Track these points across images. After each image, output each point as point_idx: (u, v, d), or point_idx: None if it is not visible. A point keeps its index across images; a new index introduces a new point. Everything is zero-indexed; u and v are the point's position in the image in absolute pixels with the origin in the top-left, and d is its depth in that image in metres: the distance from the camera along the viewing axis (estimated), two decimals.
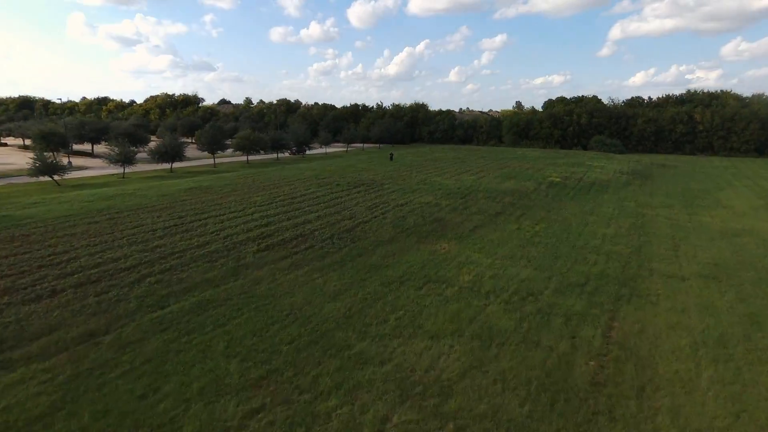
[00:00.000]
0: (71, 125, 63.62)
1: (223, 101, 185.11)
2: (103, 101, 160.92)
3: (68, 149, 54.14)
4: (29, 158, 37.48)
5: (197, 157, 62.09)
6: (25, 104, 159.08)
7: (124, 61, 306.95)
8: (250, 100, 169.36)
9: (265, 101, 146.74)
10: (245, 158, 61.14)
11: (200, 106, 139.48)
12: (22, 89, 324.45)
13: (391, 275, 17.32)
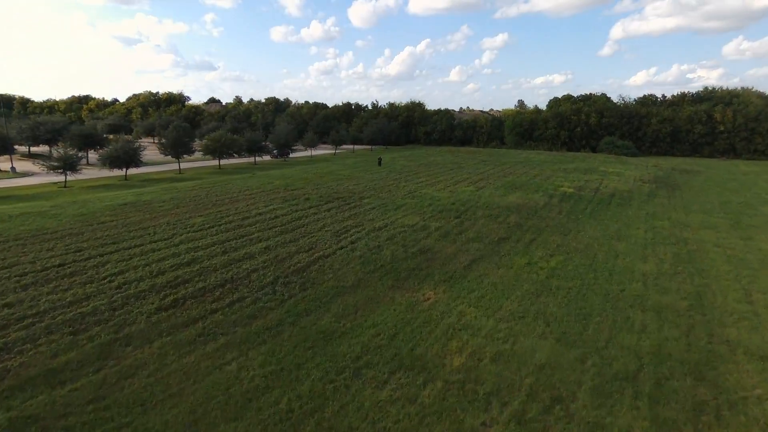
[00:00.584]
0: (25, 126, 57.89)
1: (212, 100, 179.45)
2: (84, 100, 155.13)
3: (10, 152, 48.39)
4: None
5: (165, 161, 56.45)
6: (1, 102, 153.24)
7: (125, 60, 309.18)
8: (240, 99, 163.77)
9: (255, 100, 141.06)
10: (218, 163, 55.38)
11: (185, 105, 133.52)
12: (21, 88, 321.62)
13: (343, 354, 11.67)
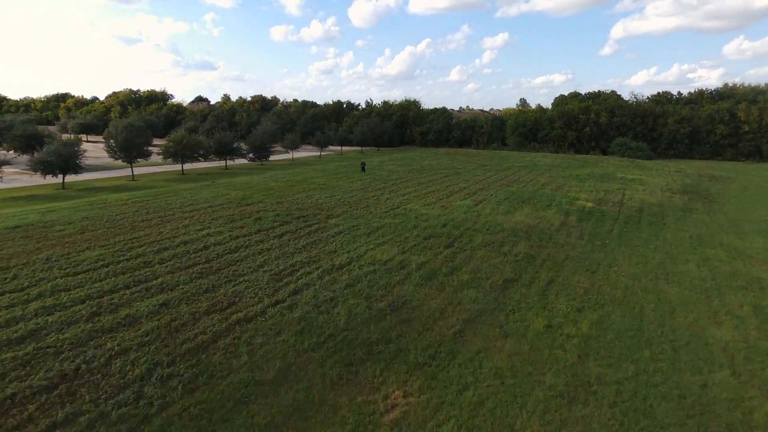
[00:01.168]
0: None
1: (199, 99, 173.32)
2: (62, 98, 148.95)
3: None
4: None
5: (122, 166, 50.46)
6: None
7: (124, 59, 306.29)
8: (228, 97, 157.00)
9: (242, 98, 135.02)
10: (181, 168, 49.32)
11: (166, 103, 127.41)
12: (21, 88, 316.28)
13: None
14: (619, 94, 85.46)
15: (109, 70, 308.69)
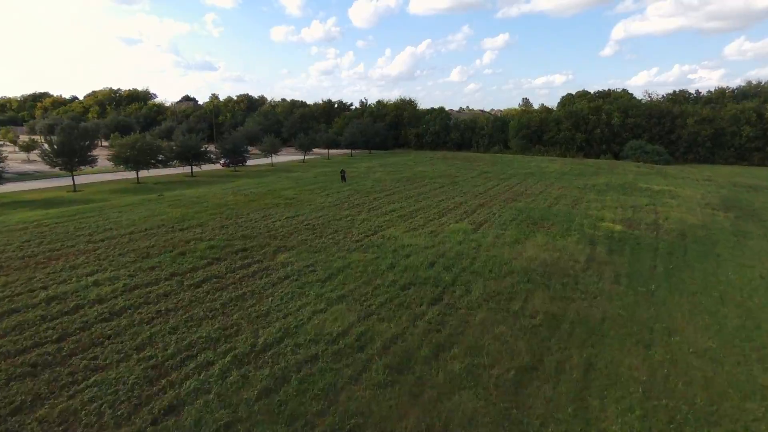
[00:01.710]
0: None
1: (186, 98, 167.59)
2: (39, 97, 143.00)
3: None
4: None
5: (83, 173, 44.73)
6: None
7: (125, 60, 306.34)
8: (216, 96, 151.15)
9: (228, 98, 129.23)
10: (137, 176, 43.48)
11: (146, 103, 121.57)
12: (21, 86, 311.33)
13: None
14: (630, 92, 79.97)
15: (109, 70, 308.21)
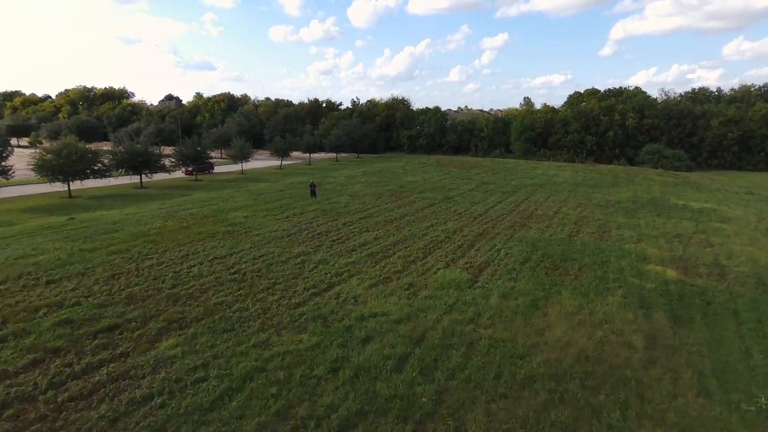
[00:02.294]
0: None
1: (168, 97, 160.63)
2: (10, 96, 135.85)
3: None
4: None
5: (31, 182, 38.25)
6: None
7: (124, 60, 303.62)
8: (201, 95, 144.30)
9: (208, 96, 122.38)
10: (69, 189, 36.79)
11: (120, 102, 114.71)
12: (19, 84, 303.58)
13: None
14: (644, 91, 73.78)
15: (107, 70, 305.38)
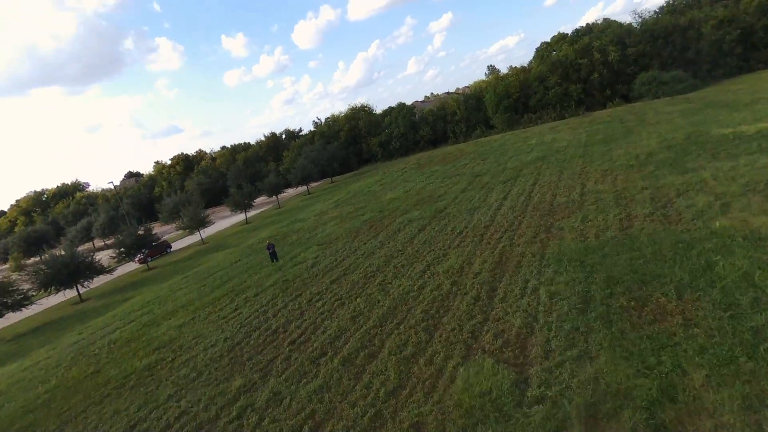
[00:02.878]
0: None
1: (129, 174, 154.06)
2: None
3: None
4: None
5: None
6: None
7: (92, 145, 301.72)
8: (162, 164, 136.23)
9: (163, 163, 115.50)
10: None
11: (74, 196, 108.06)
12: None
13: None
14: (615, 20, 67.41)
15: (78, 163, 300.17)
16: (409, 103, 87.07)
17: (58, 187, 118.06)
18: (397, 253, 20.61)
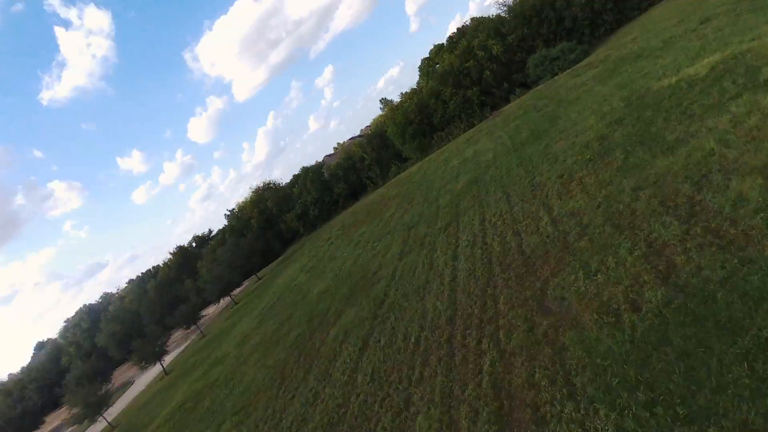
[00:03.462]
0: None
1: (39, 346, 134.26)
2: None
3: None
4: None
5: None
6: None
7: (6, 319, 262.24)
8: (66, 326, 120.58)
9: (71, 317, 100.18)
10: None
11: None
12: None
13: None
14: (484, 16, 66.83)
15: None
16: (320, 159, 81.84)
17: None
18: (337, 416, 13.14)
